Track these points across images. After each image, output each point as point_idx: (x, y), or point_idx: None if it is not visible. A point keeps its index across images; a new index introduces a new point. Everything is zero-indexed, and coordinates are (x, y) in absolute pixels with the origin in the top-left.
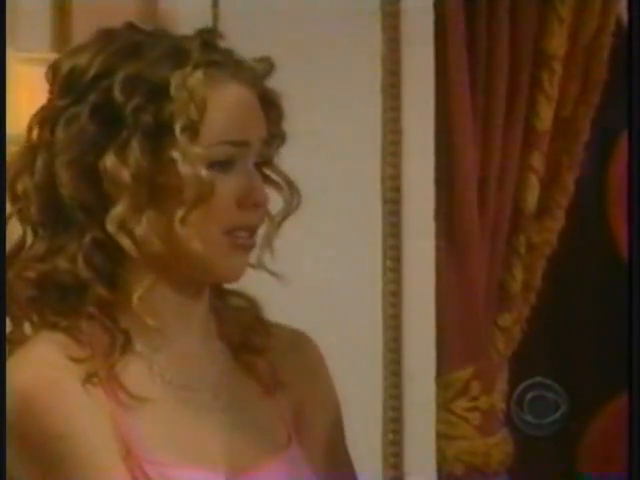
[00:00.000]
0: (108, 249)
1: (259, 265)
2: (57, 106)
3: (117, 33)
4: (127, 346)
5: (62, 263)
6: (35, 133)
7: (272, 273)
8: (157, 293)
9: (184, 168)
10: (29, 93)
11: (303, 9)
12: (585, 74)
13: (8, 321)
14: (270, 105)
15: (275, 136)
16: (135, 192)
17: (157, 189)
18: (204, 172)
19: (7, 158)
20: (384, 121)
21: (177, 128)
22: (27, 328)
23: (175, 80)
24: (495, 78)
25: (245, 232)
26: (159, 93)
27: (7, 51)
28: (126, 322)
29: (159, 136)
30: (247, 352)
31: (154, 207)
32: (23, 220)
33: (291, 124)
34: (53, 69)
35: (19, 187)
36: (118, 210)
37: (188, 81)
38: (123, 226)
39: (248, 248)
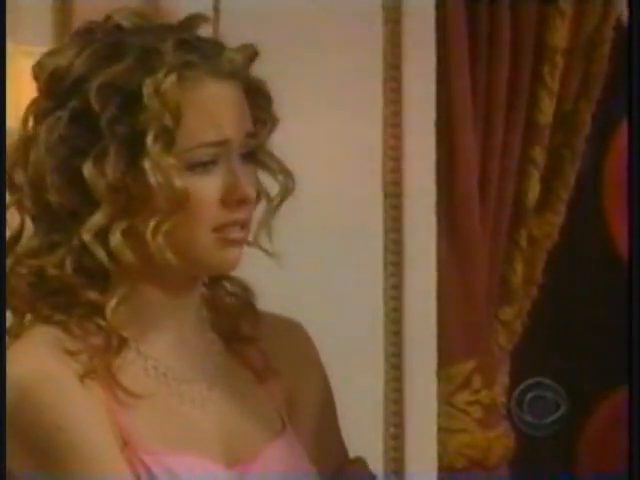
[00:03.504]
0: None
1: (255, 244)
2: (42, 108)
3: (97, 31)
4: (122, 346)
5: (50, 269)
6: (30, 125)
7: (266, 252)
8: (144, 293)
9: (155, 178)
10: (30, 86)
11: (304, 6)
12: (586, 68)
13: (9, 314)
14: (256, 93)
15: (265, 122)
16: (112, 202)
17: (134, 200)
18: (177, 181)
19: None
20: (385, 114)
21: (149, 138)
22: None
23: (147, 88)
24: (496, 72)
25: (235, 227)
26: (133, 102)
27: (8, 44)
28: (119, 317)
29: (135, 146)
30: (238, 341)
31: (130, 218)
32: (21, 211)
33: (292, 119)
34: (38, 68)
35: (15, 178)
36: (95, 219)
37: (161, 88)
38: (99, 236)
39: (240, 241)
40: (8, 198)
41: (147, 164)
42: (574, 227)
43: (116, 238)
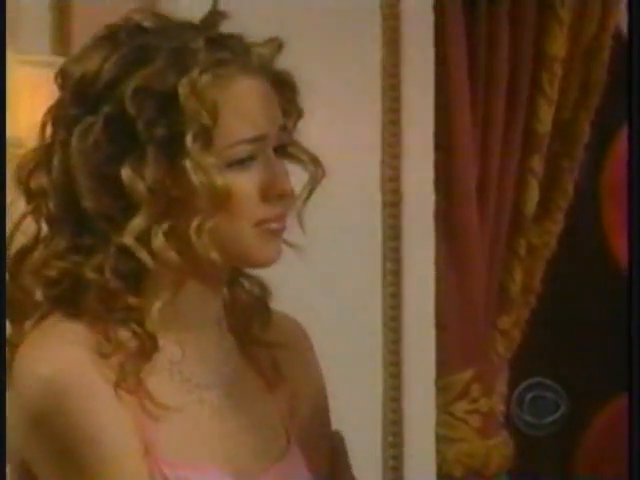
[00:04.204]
0: (134, 256)
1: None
2: (70, 114)
3: (120, 33)
4: (154, 351)
5: (88, 273)
6: (48, 131)
7: (290, 244)
8: (184, 291)
9: (197, 177)
10: (29, 95)
11: (302, 10)
12: (585, 76)
13: (8, 324)
14: (283, 85)
15: (291, 113)
16: (152, 204)
17: (174, 201)
18: (219, 180)
19: (6, 160)
20: (384, 123)
21: (188, 137)
22: (28, 325)
23: (183, 88)
24: (495, 80)
25: (275, 222)
26: (169, 104)
27: (7, 53)
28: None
29: (174, 147)
30: (250, 342)
31: (171, 219)
32: (39, 216)
33: None
34: (62, 74)
35: (33, 184)
36: (135, 223)
37: (197, 87)
38: (140, 239)
39: (280, 232)
40: (24, 207)
41: (188, 164)
42: (573, 236)
43: (159, 240)
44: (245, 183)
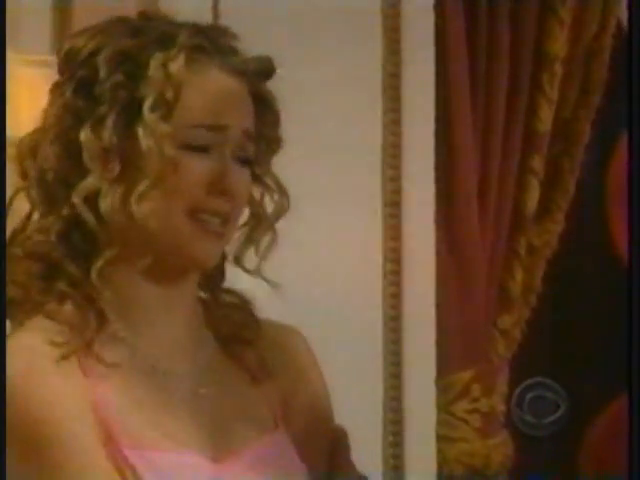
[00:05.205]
0: (84, 228)
1: (255, 272)
2: (55, 84)
3: (128, 22)
4: (102, 324)
5: (37, 235)
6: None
7: (267, 281)
8: (134, 286)
9: (146, 142)
10: (29, 95)
11: (303, 10)
12: (586, 76)
13: (8, 322)
14: (264, 106)
15: (270, 140)
16: (105, 167)
17: (126, 166)
18: (167, 149)
19: (7, 160)
20: (384, 123)
21: (146, 104)
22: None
23: (155, 61)
24: (495, 80)
25: (212, 217)
26: (139, 72)
27: (7, 53)
28: (107, 305)
29: (133, 113)
30: (236, 343)
31: (121, 184)
32: (29, 197)
33: (291, 125)
34: (58, 49)
35: (27, 166)
36: (86, 183)
37: (169, 64)
38: (88, 200)
39: (220, 235)
40: (20, 183)
41: (140, 129)
42: (577, 235)
43: (106, 203)
44: (194, 168)
